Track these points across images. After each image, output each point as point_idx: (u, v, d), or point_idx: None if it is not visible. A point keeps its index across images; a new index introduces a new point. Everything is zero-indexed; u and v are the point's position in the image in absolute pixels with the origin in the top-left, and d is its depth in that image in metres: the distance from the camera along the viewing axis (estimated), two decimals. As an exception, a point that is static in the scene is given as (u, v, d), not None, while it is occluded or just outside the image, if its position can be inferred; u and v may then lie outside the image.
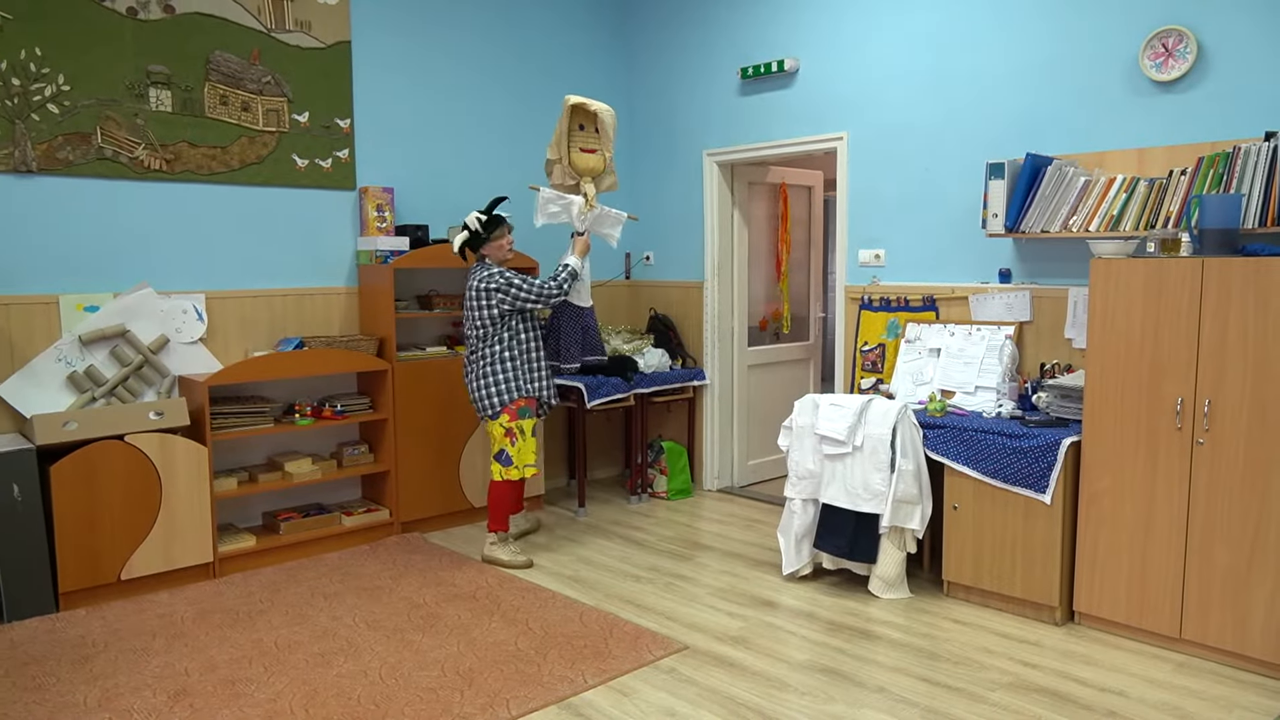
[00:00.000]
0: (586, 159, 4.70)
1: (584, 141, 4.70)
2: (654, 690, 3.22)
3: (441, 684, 3.25)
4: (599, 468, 6.35)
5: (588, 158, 4.70)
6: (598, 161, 4.72)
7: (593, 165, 4.71)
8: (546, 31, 5.90)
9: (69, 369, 4.22)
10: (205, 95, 4.55)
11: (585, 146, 4.70)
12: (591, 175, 4.72)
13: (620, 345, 5.72)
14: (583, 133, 4.70)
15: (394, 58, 5.21)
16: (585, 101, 4.65)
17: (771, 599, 4.09)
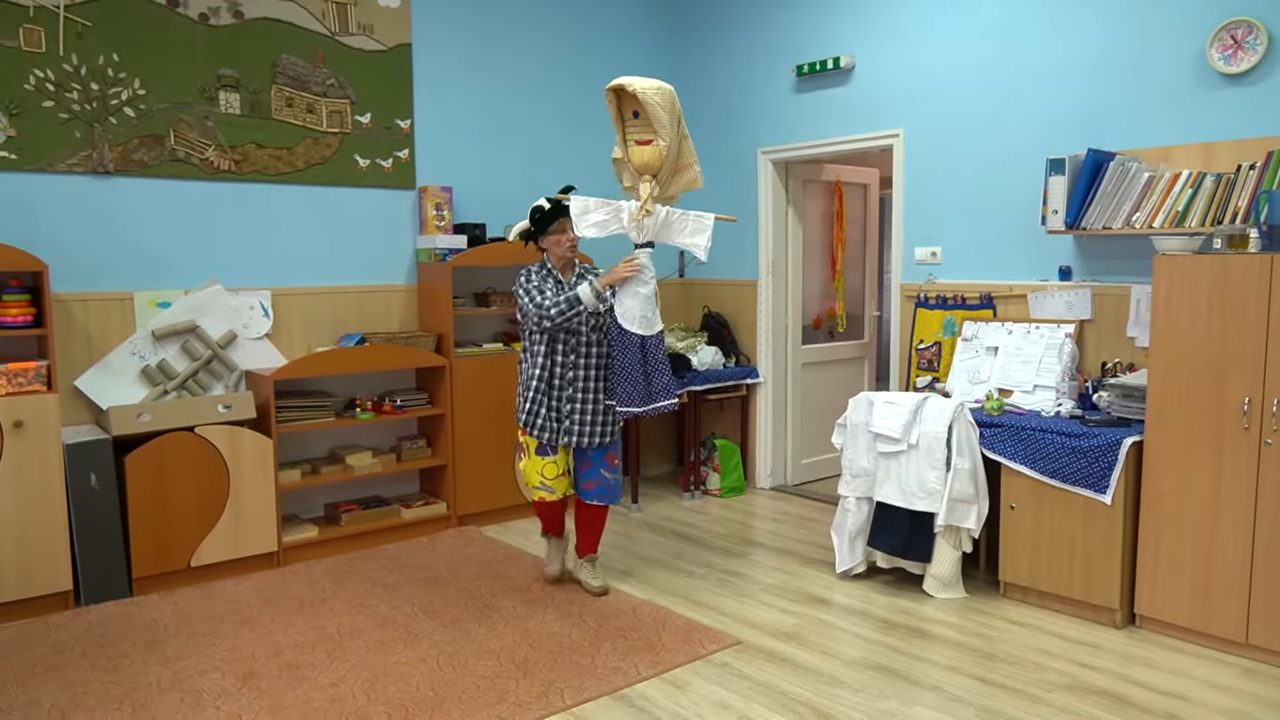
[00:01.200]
0: (641, 152, 3.77)
1: (637, 132, 3.79)
2: (706, 683, 3.24)
3: (498, 673, 3.31)
4: (653, 465, 6.38)
5: (642, 151, 3.77)
6: (653, 154, 3.73)
7: (648, 160, 3.75)
8: (603, 30, 5.95)
9: (142, 363, 4.38)
10: (272, 98, 4.69)
11: (639, 138, 3.78)
12: (649, 171, 3.78)
13: (674, 343, 5.74)
14: (636, 121, 3.78)
15: (453, 59, 5.30)
16: (624, 83, 3.69)
17: (825, 596, 4.09)
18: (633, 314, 3.76)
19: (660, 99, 3.66)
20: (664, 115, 3.67)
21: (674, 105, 3.73)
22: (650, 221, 3.79)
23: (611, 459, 4.04)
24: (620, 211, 3.82)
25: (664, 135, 3.69)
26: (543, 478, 3.99)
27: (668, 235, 3.86)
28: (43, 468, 3.82)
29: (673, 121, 3.72)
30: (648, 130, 3.75)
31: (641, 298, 3.75)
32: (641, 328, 3.74)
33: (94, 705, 3.09)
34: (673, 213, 3.82)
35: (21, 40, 4.02)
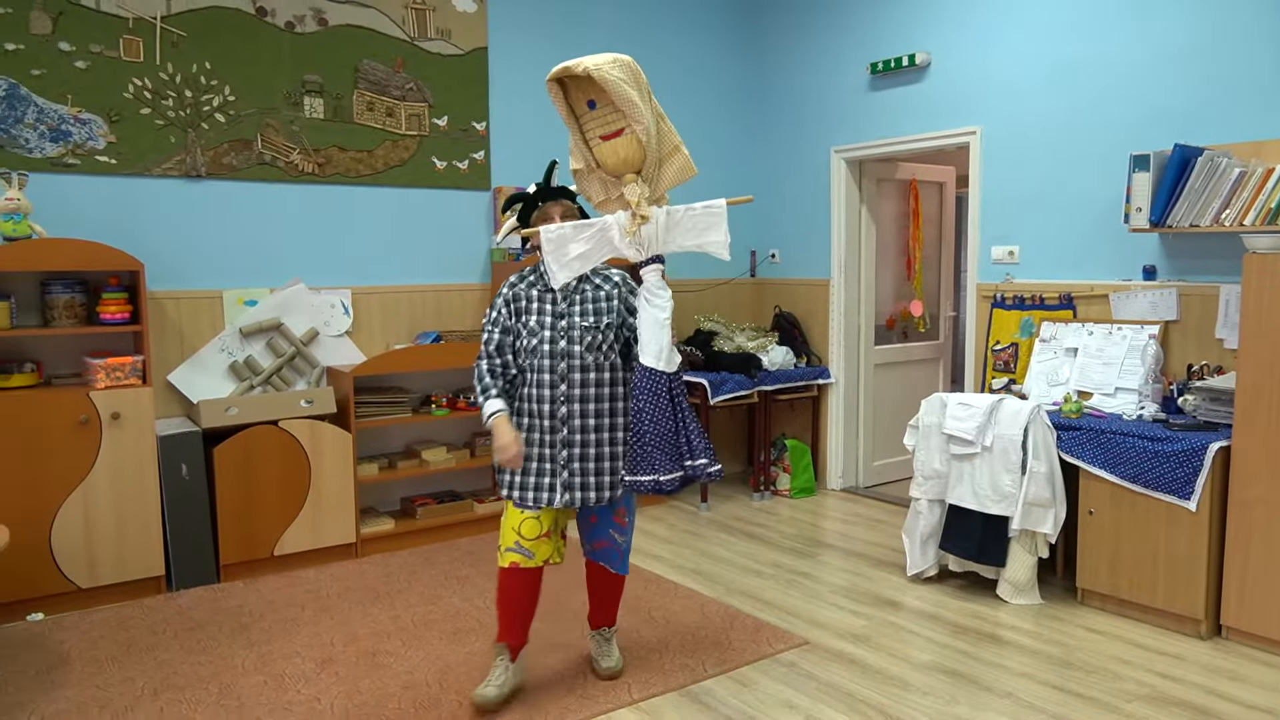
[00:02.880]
0: (613, 149, 2.87)
1: (601, 125, 2.90)
2: (773, 682, 3.24)
3: (567, 665, 3.37)
4: (723, 464, 6.37)
5: (614, 146, 2.87)
6: (630, 146, 2.84)
7: (625, 155, 2.85)
8: (677, 31, 5.98)
9: (230, 359, 4.55)
10: (354, 102, 4.84)
11: (605, 131, 2.89)
12: (630, 169, 2.88)
13: (744, 343, 5.74)
14: (595, 112, 2.90)
15: (527, 62, 5.39)
16: (568, 66, 2.81)
17: (895, 599, 4.04)
18: (650, 347, 2.87)
19: (622, 73, 2.78)
20: (632, 93, 2.77)
21: (639, 78, 2.85)
22: (650, 230, 2.87)
23: (620, 516, 3.16)
24: (607, 230, 2.89)
25: (639, 117, 2.79)
26: (519, 535, 3.00)
27: (676, 241, 2.93)
28: (138, 458, 4.01)
29: (644, 98, 2.84)
30: (615, 118, 2.87)
31: (657, 325, 2.88)
32: (665, 363, 2.88)
33: (183, 685, 3.23)
34: (674, 212, 2.91)
35: (121, 50, 4.22)
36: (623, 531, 3.19)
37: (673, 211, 2.91)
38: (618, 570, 3.24)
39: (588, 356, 2.99)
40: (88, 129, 4.17)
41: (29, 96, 4.03)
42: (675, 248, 2.93)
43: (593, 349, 2.99)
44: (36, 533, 3.80)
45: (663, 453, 2.82)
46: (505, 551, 3.02)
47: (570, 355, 2.98)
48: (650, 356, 2.87)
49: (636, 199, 2.86)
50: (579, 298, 3.03)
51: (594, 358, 2.99)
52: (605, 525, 3.15)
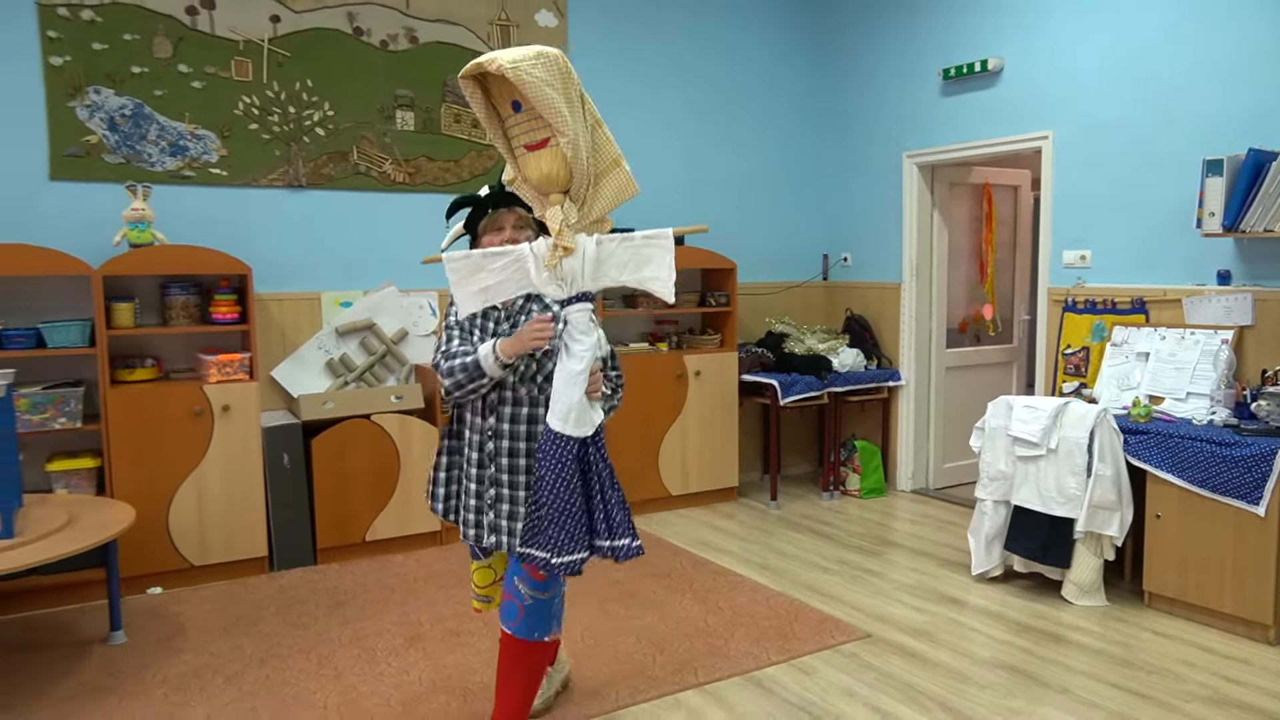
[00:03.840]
0: (535, 162, 2.38)
1: (524, 132, 2.40)
2: (835, 671, 3.37)
3: (637, 649, 3.55)
4: (793, 464, 6.50)
5: (537, 160, 2.38)
6: (554, 161, 2.35)
7: (548, 170, 2.37)
8: (748, 39, 6.11)
9: (327, 356, 4.88)
10: (442, 115, 5.12)
11: (529, 140, 2.39)
12: (554, 187, 2.39)
13: (815, 345, 5.85)
14: (519, 116, 2.39)
15: (604, 72, 5.60)
16: (482, 62, 2.32)
17: (959, 597, 4.12)
18: (557, 405, 2.42)
19: (545, 73, 2.27)
20: (555, 96, 2.26)
21: (569, 77, 2.32)
22: (574, 264, 2.37)
23: (534, 570, 2.57)
24: (522, 261, 2.43)
25: (565, 128, 2.28)
26: (474, 585, 2.89)
27: (609, 276, 2.42)
28: (245, 448, 4.34)
29: (573, 103, 2.32)
30: (538, 126, 2.35)
31: (569, 379, 2.40)
32: (573, 425, 2.41)
33: (286, 654, 3.53)
34: (606, 242, 2.39)
35: (233, 71, 4.57)
36: (536, 586, 2.60)
37: (605, 241, 2.38)
38: (511, 630, 2.64)
39: (520, 388, 2.58)
40: (202, 144, 4.53)
41: (152, 115, 4.40)
42: (608, 283, 2.41)
43: (526, 379, 2.57)
44: (156, 514, 4.15)
45: (561, 529, 2.38)
46: (473, 597, 2.93)
47: (502, 384, 2.59)
48: (556, 416, 2.41)
49: (559, 225, 2.35)
50: (524, 319, 2.59)
51: (527, 389, 2.58)
52: (513, 573, 2.62)
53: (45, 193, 4.23)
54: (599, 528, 2.44)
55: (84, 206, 4.27)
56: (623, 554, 2.45)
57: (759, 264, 6.17)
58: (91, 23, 4.24)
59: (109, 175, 4.32)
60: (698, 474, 5.63)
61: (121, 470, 4.08)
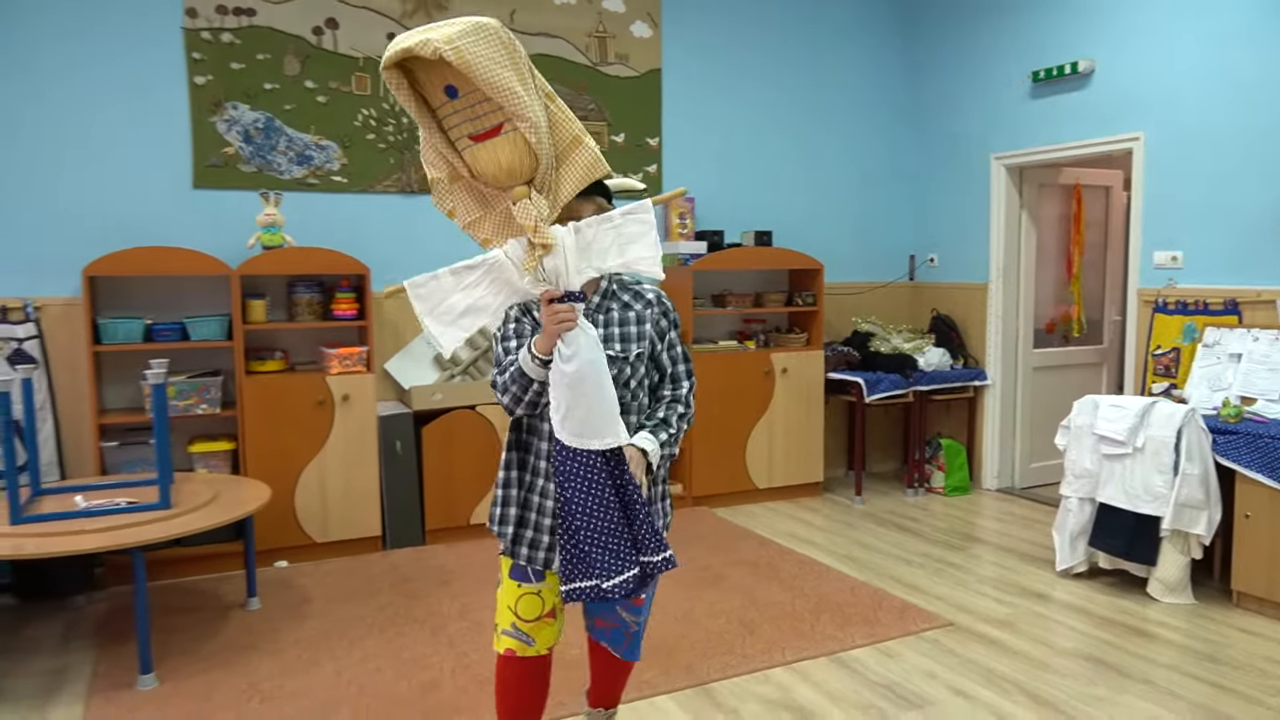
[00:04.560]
0: (489, 153, 2.06)
1: (468, 120, 2.05)
2: (917, 655, 3.52)
3: (727, 630, 3.76)
4: (878, 461, 6.60)
5: (491, 150, 2.06)
6: (513, 148, 2.04)
7: (509, 161, 2.05)
8: (838, 41, 6.25)
9: (434, 351, 5.21)
10: (542, 123, 5.40)
11: (474, 129, 2.05)
12: (517, 179, 2.09)
13: (900, 344, 5.95)
14: (456, 102, 2.04)
15: (697, 80, 5.81)
16: (409, 47, 1.96)
17: (1043, 592, 4.21)
18: (569, 418, 2.12)
19: (488, 48, 1.94)
20: (507, 74, 1.95)
21: (514, 50, 2.00)
22: (556, 261, 2.11)
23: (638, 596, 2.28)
24: (498, 269, 2.19)
25: (524, 109, 1.97)
26: (516, 616, 2.36)
27: (594, 265, 2.18)
28: (361, 435, 4.69)
29: (525, 79, 2.01)
30: (486, 109, 2.01)
31: (562, 381, 2.10)
32: (589, 435, 2.12)
33: (402, 624, 3.84)
34: (584, 229, 2.16)
35: (353, 86, 4.93)
36: (637, 611, 2.49)
37: (583, 228, 2.15)
38: (625, 656, 2.58)
39: None
40: (326, 153, 4.90)
41: (281, 128, 4.79)
42: (594, 274, 2.18)
43: (617, 384, 2.22)
44: (283, 494, 4.53)
45: (605, 550, 2.13)
46: (500, 635, 2.39)
47: None
48: (566, 430, 2.12)
49: (533, 222, 2.05)
50: (603, 319, 2.28)
51: (618, 394, 2.23)
52: (613, 601, 2.31)
53: (190, 200, 4.65)
54: (644, 541, 2.16)
55: (223, 212, 4.68)
56: (654, 570, 2.18)
57: (846, 265, 6.30)
58: (230, 44, 4.65)
59: (244, 183, 4.73)
60: (784, 469, 5.79)
61: (254, 453, 4.46)
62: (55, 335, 4.43)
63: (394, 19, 4.99)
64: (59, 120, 4.39)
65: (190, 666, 3.45)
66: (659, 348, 2.35)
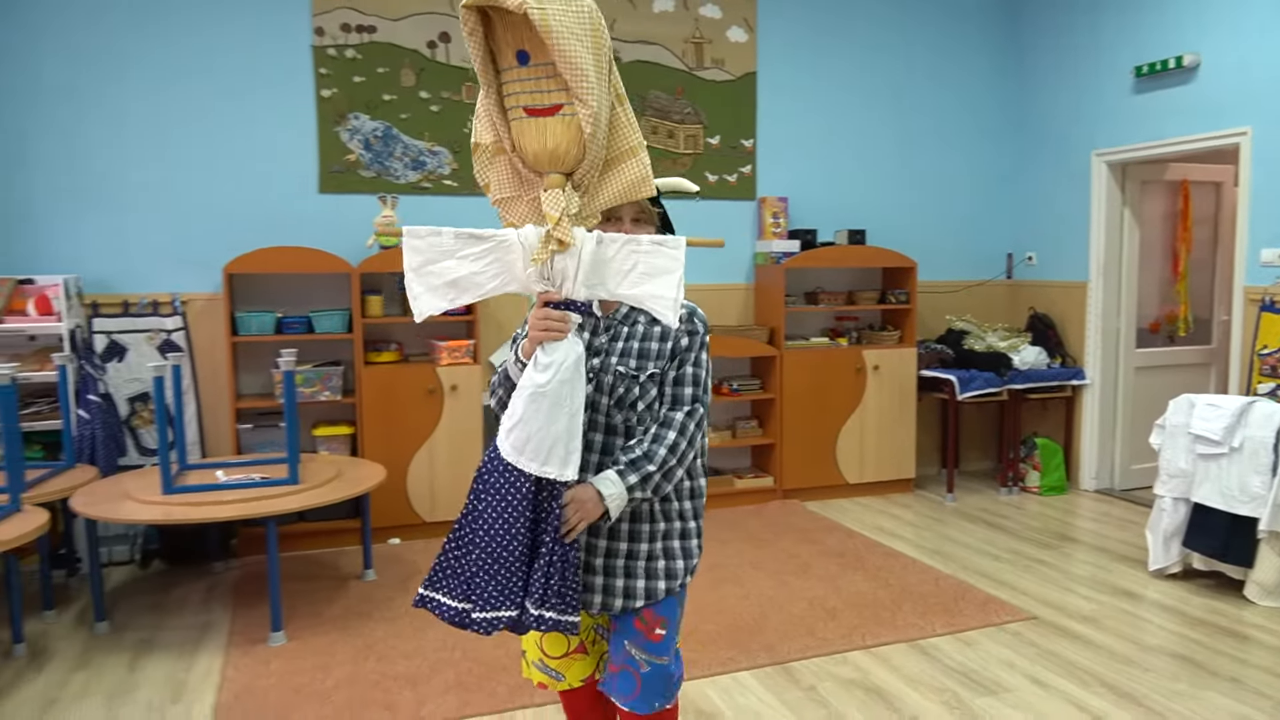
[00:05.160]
0: (541, 131, 1.88)
1: (530, 91, 1.88)
2: (996, 645, 3.59)
3: (809, 614, 3.90)
4: (972, 460, 6.59)
5: (544, 128, 1.88)
6: (565, 133, 1.88)
7: (556, 145, 1.88)
8: (935, 38, 6.26)
9: (537, 345, 5.49)
10: (641, 127, 5.61)
11: (534, 103, 1.88)
12: (557, 167, 1.91)
13: (995, 343, 5.94)
14: (524, 70, 1.88)
15: (791, 83, 5.94)
16: None
17: (1134, 591, 4.19)
18: (516, 431, 1.90)
19: (575, 22, 1.81)
20: (583, 53, 1.81)
21: (601, 35, 1.86)
22: (567, 262, 1.91)
23: (651, 627, 2.11)
24: (505, 248, 1.94)
25: (588, 94, 1.83)
26: (542, 652, 2.23)
27: (605, 286, 1.95)
28: (467, 422, 5.00)
29: (601, 67, 1.86)
30: (551, 86, 1.87)
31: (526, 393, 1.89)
32: (529, 457, 1.89)
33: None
34: (609, 242, 1.93)
35: (463, 95, 5.26)
36: (652, 649, 2.11)
37: (607, 241, 1.92)
38: (633, 708, 2.11)
39: (616, 414, 2.08)
40: (438, 159, 5.24)
41: (398, 136, 5.15)
42: (603, 294, 1.95)
43: (624, 405, 2.08)
44: (396, 476, 4.88)
45: (491, 579, 1.89)
46: (528, 663, 2.26)
47: (594, 407, 2.07)
48: (510, 442, 1.90)
49: (558, 213, 1.87)
50: (626, 330, 2.11)
51: (623, 417, 2.08)
52: (623, 636, 2.11)
53: (316, 203, 5.05)
54: (534, 589, 1.89)
55: (345, 214, 5.07)
56: (542, 625, 1.89)
57: (941, 263, 6.31)
58: (353, 60, 5.03)
59: (364, 188, 5.10)
60: (875, 465, 5.86)
61: (370, 437, 4.83)
62: (198, 327, 4.89)
63: (502, 31, 5.29)
64: (204, 132, 4.85)
65: (314, 628, 3.80)
66: (668, 366, 2.09)
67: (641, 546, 2.11)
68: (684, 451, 2.06)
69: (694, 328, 2.13)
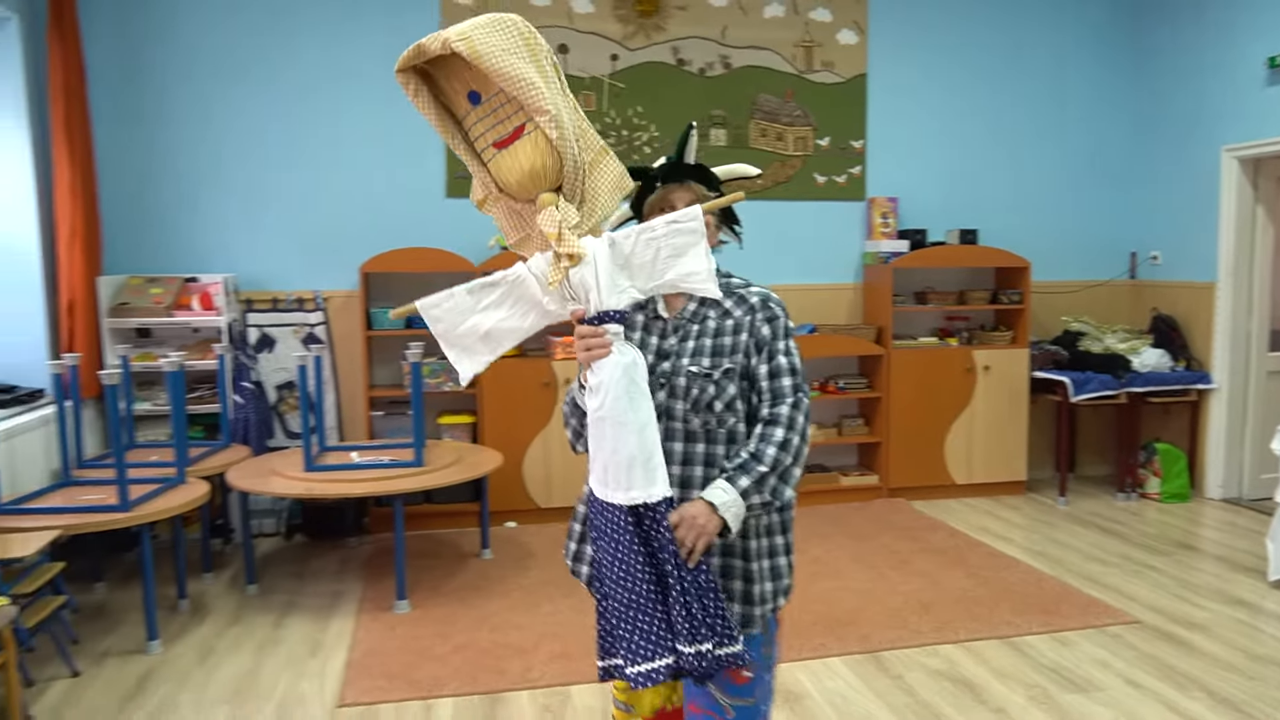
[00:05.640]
0: (514, 158, 1.80)
1: (491, 126, 1.82)
2: (1093, 646, 3.58)
3: (904, 607, 3.98)
4: (1089, 464, 6.44)
5: (515, 154, 1.80)
6: (536, 150, 1.78)
7: (532, 165, 1.79)
8: (1052, 34, 6.14)
9: (647, 342, 5.71)
10: (750, 130, 5.77)
11: (499, 136, 1.82)
12: (540, 185, 1.81)
13: (1114, 344, 5.81)
14: (479, 109, 1.83)
15: (903, 84, 5.96)
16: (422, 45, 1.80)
17: (1249, 600, 4.08)
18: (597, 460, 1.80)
19: (502, 39, 1.75)
20: (522, 64, 1.73)
21: (535, 43, 1.79)
22: (585, 274, 1.78)
23: (737, 670, 1.89)
24: (521, 285, 1.86)
25: (541, 100, 1.72)
26: (614, 688, 2.13)
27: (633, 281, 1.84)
28: (581, 414, 5.26)
29: (545, 72, 1.78)
30: (506, 113, 1.79)
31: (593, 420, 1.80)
32: (613, 486, 1.77)
33: (609, 580, 4.35)
34: (621, 240, 1.84)
35: (580, 103, 5.52)
36: (737, 691, 1.94)
37: (619, 240, 1.83)
38: None
39: (693, 418, 1.94)
40: (555, 164, 5.53)
41: (519, 143, 5.46)
42: (636, 295, 1.83)
43: (700, 408, 1.94)
44: (513, 463, 5.18)
45: (634, 628, 1.75)
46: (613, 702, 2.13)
47: (670, 414, 1.94)
48: (596, 479, 1.81)
49: (556, 228, 1.75)
50: (697, 328, 2.00)
51: (701, 420, 1.94)
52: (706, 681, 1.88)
53: (442, 207, 5.43)
54: (679, 626, 1.73)
55: (467, 217, 5.41)
56: (702, 665, 1.72)
57: (1058, 263, 6.20)
58: (478, 72, 5.36)
59: (487, 192, 5.44)
60: (983, 465, 5.83)
61: (490, 426, 5.16)
62: (338, 322, 5.33)
63: (617, 41, 5.54)
64: (342, 142, 5.28)
65: (435, 599, 4.13)
66: (754, 360, 1.96)
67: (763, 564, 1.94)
68: (797, 447, 1.91)
69: (772, 313, 2.01)
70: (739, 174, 2.21)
